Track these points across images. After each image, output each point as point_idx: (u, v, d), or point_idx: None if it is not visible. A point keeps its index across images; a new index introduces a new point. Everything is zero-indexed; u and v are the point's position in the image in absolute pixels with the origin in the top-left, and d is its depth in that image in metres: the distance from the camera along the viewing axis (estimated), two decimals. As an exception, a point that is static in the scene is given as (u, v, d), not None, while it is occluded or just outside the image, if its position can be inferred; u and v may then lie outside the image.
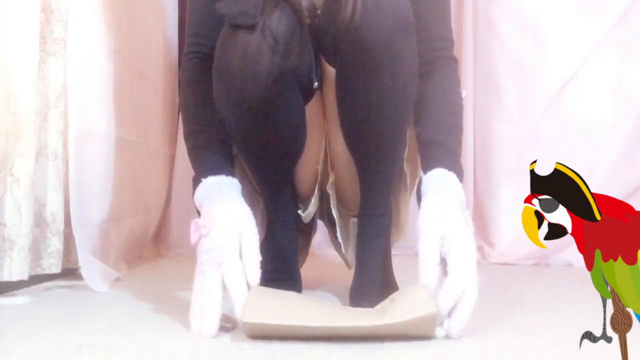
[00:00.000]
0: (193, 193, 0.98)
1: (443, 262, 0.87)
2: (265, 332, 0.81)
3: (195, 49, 1.07)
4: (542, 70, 1.95)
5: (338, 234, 1.18)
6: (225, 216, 0.91)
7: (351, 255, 1.19)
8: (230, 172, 0.99)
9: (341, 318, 0.83)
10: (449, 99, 1.05)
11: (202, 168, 0.99)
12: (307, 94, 1.04)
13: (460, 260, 0.87)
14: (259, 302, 0.83)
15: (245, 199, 1.21)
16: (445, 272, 0.87)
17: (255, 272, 0.89)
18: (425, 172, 0.97)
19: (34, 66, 1.11)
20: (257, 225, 1.20)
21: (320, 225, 1.32)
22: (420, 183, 0.98)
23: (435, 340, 0.83)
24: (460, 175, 0.96)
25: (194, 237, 0.91)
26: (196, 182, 0.98)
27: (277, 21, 0.90)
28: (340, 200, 1.18)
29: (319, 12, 1.03)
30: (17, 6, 1.09)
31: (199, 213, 0.96)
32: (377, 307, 0.87)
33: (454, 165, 0.97)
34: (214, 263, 0.88)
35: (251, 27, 0.90)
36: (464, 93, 1.08)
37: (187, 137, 1.04)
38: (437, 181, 0.94)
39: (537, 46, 1.96)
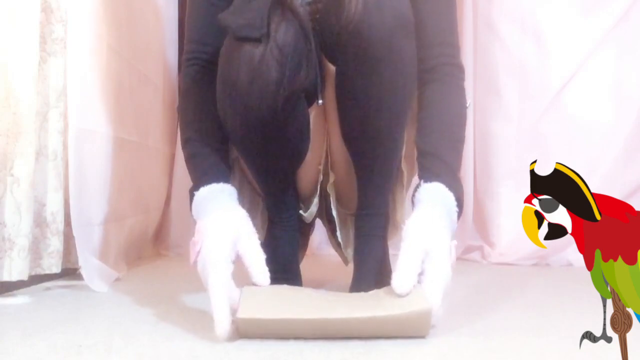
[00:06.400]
0: (190, 207, 0.97)
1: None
2: (259, 327, 0.81)
3: (195, 55, 1.07)
4: (542, 70, 1.95)
5: (338, 233, 1.18)
6: (214, 229, 0.89)
7: (351, 254, 1.19)
8: (224, 178, 0.97)
9: (335, 308, 0.82)
10: (451, 109, 1.03)
11: (196, 179, 0.98)
12: (311, 98, 1.04)
13: (434, 283, 0.84)
14: (251, 300, 0.83)
15: (245, 200, 1.21)
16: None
17: (262, 272, 0.87)
18: (423, 181, 0.95)
19: (34, 66, 1.11)
20: (257, 226, 1.20)
21: (319, 223, 1.32)
22: (415, 189, 0.96)
23: (434, 340, 0.83)
24: (458, 198, 0.94)
25: (192, 257, 0.88)
26: (191, 195, 0.97)
27: (284, 33, 0.89)
28: (339, 200, 1.18)
29: (317, 16, 1.03)
30: (17, 6, 1.09)
31: None
32: (371, 293, 0.86)
33: (454, 184, 0.95)
34: (204, 278, 0.85)
35: (257, 40, 0.89)
36: (468, 102, 1.06)
37: (184, 145, 1.04)
38: (435, 196, 0.93)
39: (537, 46, 1.96)
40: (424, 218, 0.90)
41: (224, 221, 0.90)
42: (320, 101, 1.03)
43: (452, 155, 1.00)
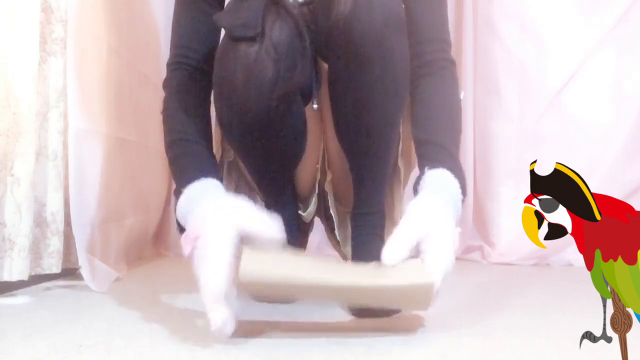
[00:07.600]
0: (175, 208, 0.92)
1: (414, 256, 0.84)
2: (260, 289, 0.79)
3: (181, 60, 1.05)
4: (542, 70, 1.95)
5: (336, 232, 1.19)
6: (211, 214, 0.82)
7: (350, 251, 1.19)
8: (212, 175, 0.93)
9: (339, 275, 0.81)
10: (447, 101, 1.03)
11: (182, 177, 0.93)
12: (307, 96, 1.04)
13: (435, 262, 0.82)
14: (253, 260, 0.79)
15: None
16: None
17: (275, 227, 0.82)
18: (427, 168, 0.94)
19: (34, 66, 1.11)
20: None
21: (318, 223, 1.32)
22: (418, 179, 0.95)
23: (435, 340, 0.83)
24: (462, 185, 0.93)
25: (186, 249, 0.82)
26: (177, 194, 0.92)
27: (279, 32, 0.90)
28: (337, 198, 1.18)
29: (309, 14, 1.03)
30: (17, 6, 1.09)
31: (180, 229, 0.89)
32: (373, 264, 0.85)
33: (458, 171, 0.94)
34: (201, 267, 0.79)
35: (252, 39, 0.89)
36: (462, 95, 1.07)
37: (168, 148, 1.00)
38: (440, 183, 0.92)
39: (537, 46, 1.96)
40: (428, 201, 0.89)
41: (219, 205, 0.84)
42: (315, 106, 1.03)
43: (452, 143, 0.99)
